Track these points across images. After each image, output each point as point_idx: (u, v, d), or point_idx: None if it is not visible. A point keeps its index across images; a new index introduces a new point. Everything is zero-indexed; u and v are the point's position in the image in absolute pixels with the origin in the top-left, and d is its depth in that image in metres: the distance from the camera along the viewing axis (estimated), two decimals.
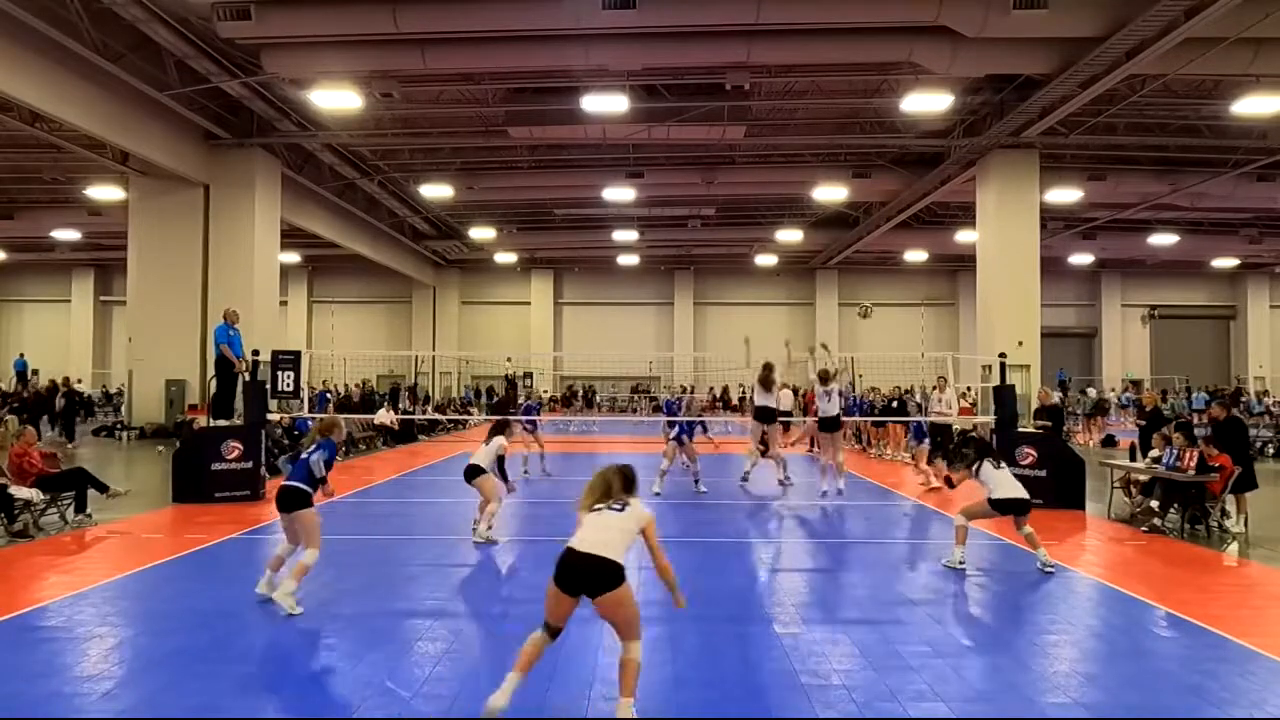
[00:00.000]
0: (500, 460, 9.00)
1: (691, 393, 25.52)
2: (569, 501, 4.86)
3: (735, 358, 36.82)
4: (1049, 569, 7.78)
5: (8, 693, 4.79)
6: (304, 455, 6.71)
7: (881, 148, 23.25)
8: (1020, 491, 7.85)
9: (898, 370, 26.53)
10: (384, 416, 21.58)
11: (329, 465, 6.66)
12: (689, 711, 4.63)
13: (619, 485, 4.64)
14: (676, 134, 20.67)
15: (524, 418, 13.88)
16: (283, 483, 6.62)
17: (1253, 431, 20.72)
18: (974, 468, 7.96)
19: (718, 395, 37.59)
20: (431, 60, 15.93)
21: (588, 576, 4.32)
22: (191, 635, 5.86)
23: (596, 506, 4.59)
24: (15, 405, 21.85)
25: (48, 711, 4.57)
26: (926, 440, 14.74)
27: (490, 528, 9.01)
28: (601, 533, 4.42)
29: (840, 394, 13.07)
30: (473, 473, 8.99)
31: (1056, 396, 19.93)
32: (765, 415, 12.38)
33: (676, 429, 13.42)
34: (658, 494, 12.10)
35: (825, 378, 12.47)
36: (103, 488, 10.05)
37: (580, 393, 39.73)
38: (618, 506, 4.58)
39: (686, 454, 13.22)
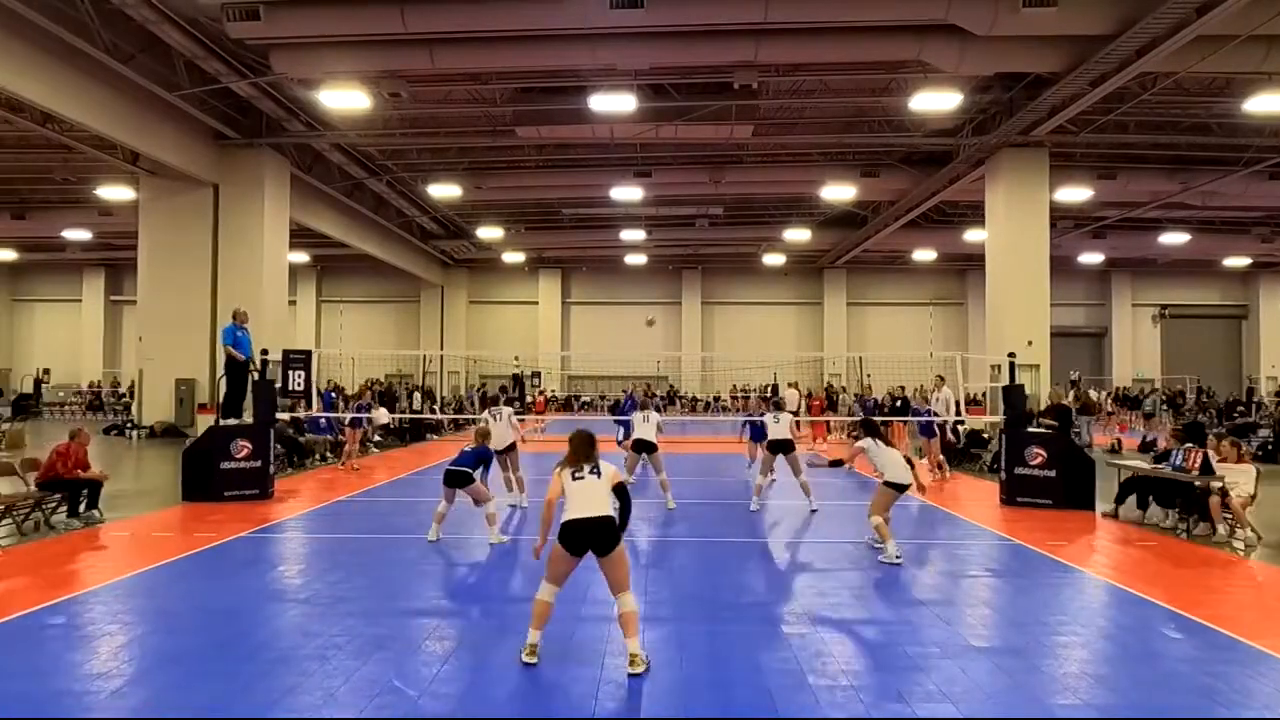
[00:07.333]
0: None
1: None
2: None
3: (743, 358, 37.09)
4: (897, 560, 8.13)
5: (17, 690, 4.82)
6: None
7: (890, 147, 23.15)
8: (905, 477, 8.40)
9: (906, 370, 26.51)
10: (382, 416, 21.64)
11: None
12: (696, 712, 4.62)
13: (589, 450, 5.40)
14: (684, 133, 20.63)
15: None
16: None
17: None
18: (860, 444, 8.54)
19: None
20: (439, 60, 15.96)
21: (596, 536, 5.11)
22: (200, 634, 5.89)
23: (577, 475, 5.29)
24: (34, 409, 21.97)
25: (56, 710, 4.59)
26: (935, 438, 14.85)
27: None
28: (593, 498, 5.20)
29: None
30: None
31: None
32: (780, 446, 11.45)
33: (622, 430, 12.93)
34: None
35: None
36: (94, 503, 10.01)
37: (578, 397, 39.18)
38: (596, 471, 5.32)
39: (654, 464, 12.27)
